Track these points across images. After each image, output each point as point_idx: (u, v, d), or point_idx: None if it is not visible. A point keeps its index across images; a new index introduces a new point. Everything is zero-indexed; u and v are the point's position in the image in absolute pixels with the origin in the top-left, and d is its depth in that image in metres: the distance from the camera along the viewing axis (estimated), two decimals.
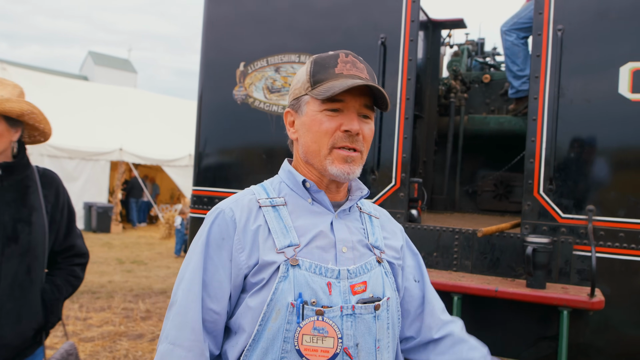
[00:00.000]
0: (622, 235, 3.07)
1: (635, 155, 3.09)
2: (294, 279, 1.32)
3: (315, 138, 1.41)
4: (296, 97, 1.47)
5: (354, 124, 1.39)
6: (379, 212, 1.63)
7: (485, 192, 4.91)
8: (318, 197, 1.45)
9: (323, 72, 1.41)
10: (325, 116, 1.40)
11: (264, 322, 1.31)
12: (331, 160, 1.40)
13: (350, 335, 1.34)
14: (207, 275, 1.37)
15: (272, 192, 1.48)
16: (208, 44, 4.19)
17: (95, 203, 15.79)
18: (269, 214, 1.41)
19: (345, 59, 1.42)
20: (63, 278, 2.42)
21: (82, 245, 2.52)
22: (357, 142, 1.41)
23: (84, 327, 6.43)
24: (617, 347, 3.12)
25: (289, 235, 1.38)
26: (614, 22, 3.15)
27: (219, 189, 4.04)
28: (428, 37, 4.73)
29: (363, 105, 1.42)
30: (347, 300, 1.35)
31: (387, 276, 1.48)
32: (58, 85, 18.61)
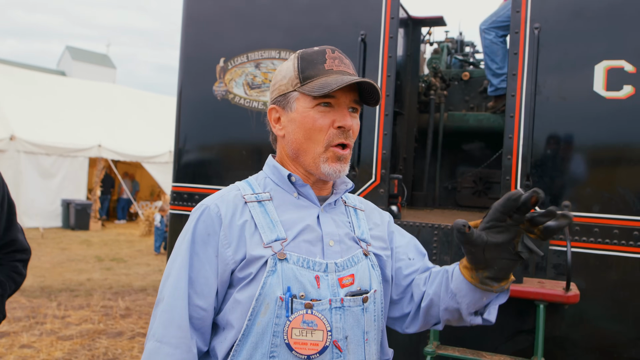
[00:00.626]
0: (597, 230, 3.14)
1: (610, 152, 3.16)
2: (282, 272, 1.33)
3: (309, 135, 1.42)
4: (283, 94, 1.46)
5: (347, 119, 1.41)
6: (363, 205, 1.64)
7: (464, 189, 4.96)
8: (304, 191, 1.46)
9: (312, 68, 1.42)
10: (318, 112, 1.41)
11: (253, 316, 1.31)
12: (325, 159, 1.41)
13: (340, 328, 1.35)
14: (194, 271, 1.37)
15: (257, 187, 1.48)
16: (187, 39, 4.16)
17: (74, 200, 15.58)
18: (254, 209, 1.41)
19: (332, 55, 1.44)
20: (5, 274, 2.27)
21: (23, 241, 2.38)
22: (350, 137, 1.43)
23: (62, 325, 6.35)
24: (592, 340, 3.18)
25: (276, 229, 1.38)
26: (590, 21, 3.20)
27: (199, 185, 4.02)
28: (408, 34, 4.75)
29: (353, 101, 1.43)
30: (335, 293, 1.36)
31: (374, 269, 1.49)
32: (35, 80, 18.30)
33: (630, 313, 3.10)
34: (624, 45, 3.11)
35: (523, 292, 2.97)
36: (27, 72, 19.55)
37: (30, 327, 6.19)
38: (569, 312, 3.18)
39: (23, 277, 2.38)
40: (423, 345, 3.25)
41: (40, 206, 14.87)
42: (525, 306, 3.20)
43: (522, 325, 3.27)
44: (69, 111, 17.00)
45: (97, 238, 14.38)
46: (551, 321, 3.18)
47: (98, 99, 18.97)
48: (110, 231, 16.29)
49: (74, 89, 19.32)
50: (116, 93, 20.89)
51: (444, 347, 3.23)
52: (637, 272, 3.08)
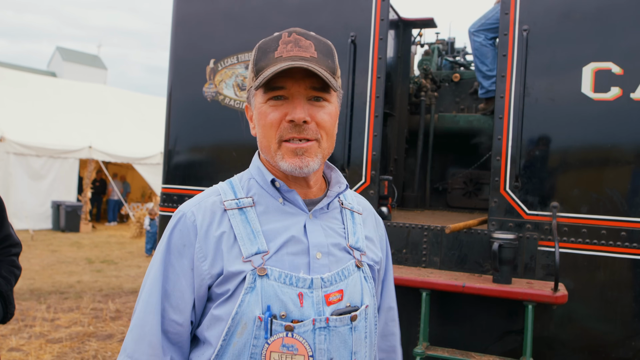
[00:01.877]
0: (585, 231, 3.16)
1: (598, 154, 3.18)
2: (262, 290, 1.22)
3: (264, 132, 1.29)
4: (247, 90, 1.36)
5: (297, 111, 1.24)
6: (362, 206, 1.50)
7: (455, 190, 4.99)
8: (289, 196, 1.33)
9: (264, 58, 1.27)
10: (269, 107, 1.27)
11: (229, 336, 1.22)
12: (281, 155, 1.27)
13: (324, 350, 1.24)
14: (169, 284, 1.28)
15: (240, 190, 1.35)
16: (177, 40, 4.14)
17: (64, 202, 15.48)
18: (234, 218, 1.29)
19: (287, 39, 1.27)
20: (7, 270, 2.37)
21: (15, 236, 2.48)
22: (306, 131, 1.26)
23: (52, 328, 6.30)
24: (580, 340, 3.20)
25: (257, 241, 1.26)
26: (578, 24, 3.23)
27: (189, 187, 4.01)
28: (399, 36, 4.77)
29: (310, 88, 1.26)
30: (320, 312, 1.24)
31: (367, 281, 1.36)
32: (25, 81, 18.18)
33: (618, 313, 3.12)
34: (612, 47, 3.14)
35: (512, 292, 2.99)
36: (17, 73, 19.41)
37: (19, 330, 6.14)
38: (557, 313, 3.20)
39: (20, 270, 2.48)
40: (412, 346, 3.25)
41: (30, 208, 14.76)
42: (514, 307, 3.22)
43: (511, 326, 3.29)
44: (59, 112, 16.90)
45: (88, 240, 14.29)
46: (540, 321, 3.20)
47: (89, 100, 18.87)
48: (100, 233, 16.19)
49: (65, 90, 19.21)
50: (107, 94, 20.79)
51: (433, 347, 3.24)
52: (625, 272, 3.11)
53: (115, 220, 18.79)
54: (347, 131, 3.59)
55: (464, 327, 3.38)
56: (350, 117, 3.59)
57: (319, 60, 1.26)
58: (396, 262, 3.50)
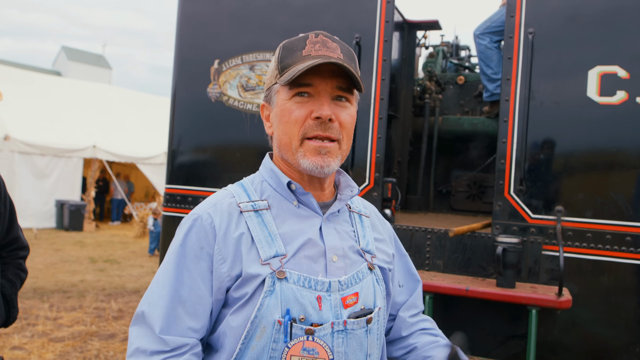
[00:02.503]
0: (590, 235, 3.14)
1: (603, 158, 3.16)
2: (281, 293, 1.20)
3: (286, 129, 1.28)
4: (268, 88, 1.35)
5: (324, 108, 1.24)
6: (369, 210, 1.52)
7: (458, 193, 4.97)
8: (305, 199, 1.32)
9: (291, 56, 1.28)
10: (294, 103, 1.27)
11: (247, 340, 1.20)
12: (303, 153, 1.26)
13: (342, 353, 1.24)
14: (185, 289, 1.23)
15: (253, 193, 1.34)
16: (182, 41, 4.15)
17: (68, 201, 15.51)
18: (251, 220, 1.27)
19: (314, 39, 1.28)
20: (13, 273, 2.38)
21: (24, 238, 2.48)
22: (331, 129, 1.26)
23: (54, 327, 6.31)
24: (584, 345, 3.18)
25: (275, 244, 1.25)
26: (584, 27, 3.21)
27: (193, 187, 4.00)
28: (403, 37, 4.76)
29: (336, 88, 1.27)
30: (338, 315, 1.25)
31: (379, 284, 1.38)
32: (30, 80, 18.24)
33: (623, 318, 3.10)
34: (618, 51, 3.12)
35: (515, 297, 2.97)
36: (23, 72, 19.48)
37: (21, 329, 6.15)
38: (561, 317, 3.18)
39: (26, 273, 2.49)
40: None
41: (34, 207, 14.80)
42: (518, 311, 3.20)
43: (515, 330, 3.27)
44: (64, 112, 16.95)
45: (91, 239, 14.32)
46: (544, 326, 3.18)
47: (93, 99, 18.92)
48: (104, 232, 16.22)
49: (70, 89, 19.26)
50: (111, 94, 20.85)
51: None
52: (630, 278, 3.09)
53: (118, 219, 18.82)
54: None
55: (467, 331, 3.37)
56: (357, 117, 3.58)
57: (345, 62, 1.27)
58: None
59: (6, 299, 2.31)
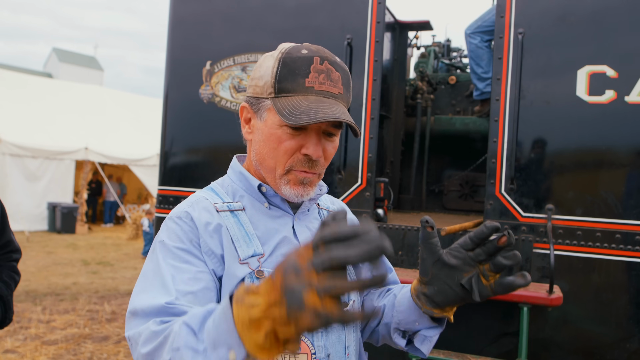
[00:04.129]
0: (580, 233, 3.17)
1: (592, 156, 3.19)
2: None
3: (273, 155, 1.28)
4: (256, 97, 1.31)
5: (316, 149, 1.25)
6: (336, 205, 1.56)
7: (451, 192, 5.00)
8: (275, 200, 1.35)
9: (291, 79, 1.23)
10: (285, 133, 1.25)
11: None
12: (286, 181, 1.29)
13: (322, 347, 1.27)
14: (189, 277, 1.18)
15: (225, 196, 1.35)
16: (174, 42, 4.15)
17: (60, 203, 15.44)
18: (228, 220, 1.28)
19: (319, 67, 1.24)
20: (7, 275, 2.39)
21: (16, 242, 2.49)
22: (316, 166, 1.29)
23: (47, 329, 6.28)
24: (575, 342, 3.21)
25: (252, 243, 1.27)
26: (573, 27, 3.24)
27: (185, 189, 4.01)
28: (395, 38, 4.78)
29: (330, 125, 1.27)
30: None
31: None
32: (21, 82, 18.14)
33: (613, 315, 3.13)
34: (607, 50, 3.16)
35: (507, 294, 2.99)
36: (13, 74, 19.36)
37: (14, 332, 6.12)
38: (552, 315, 3.21)
39: (19, 276, 2.49)
40: None
41: (26, 209, 14.72)
42: (510, 309, 3.22)
43: (507, 328, 3.30)
44: (55, 114, 16.87)
45: (84, 241, 14.26)
46: (535, 323, 3.21)
47: (85, 101, 18.84)
48: (97, 234, 16.15)
49: (61, 91, 19.17)
50: (103, 96, 20.77)
51: None
52: (620, 275, 3.12)
53: (111, 221, 18.75)
54: (344, 134, 3.59)
55: (459, 329, 3.39)
56: None
57: (344, 96, 1.27)
58: (392, 264, 3.50)
59: (2, 300, 2.31)
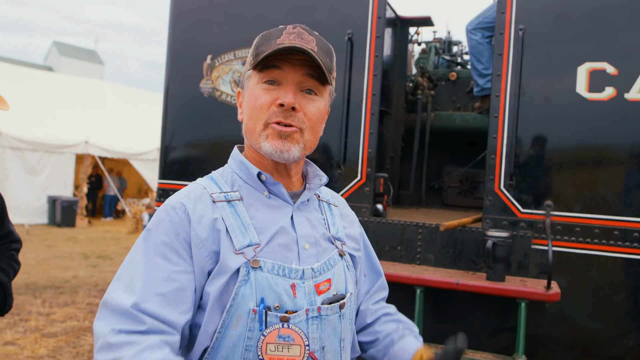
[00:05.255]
0: (578, 229, 3.18)
1: (591, 153, 3.20)
2: (256, 282, 1.21)
3: (252, 114, 1.30)
4: (243, 75, 1.38)
5: (288, 96, 1.25)
6: (336, 199, 1.55)
7: (450, 188, 5.01)
8: (275, 189, 1.33)
9: (265, 44, 1.29)
10: (261, 90, 1.28)
11: (223, 329, 1.20)
12: (265, 136, 1.27)
13: (316, 339, 1.26)
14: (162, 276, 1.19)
15: (223, 185, 1.34)
16: (174, 36, 4.15)
17: (60, 197, 15.45)
18: (224, 210, 1.27)
19: (291, 30, 1.29)
20: (6, 263, 2.43)
21: (15, 232, 2.53)
22: (292, 117, 1.26)
23: (47, 322, 6.31)
24: (573, 337, 3.23)
25: (248, 233, 1.25)
26: (573, 24, 3.24)
27: (185, 182, 4.01)
28: (396, 34, 4.78)
29: (306, 75, 1.28)
30: (312, 301, 1.27)
31: (349, 270, 1.41)
32: (21, 75, 18.12)
33: (610, 311, 3.15)
34: (607, 47, 3.16)
35: (505, 290, 3.01)
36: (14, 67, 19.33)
37: (14, 324, 6.14)
38: (550, 310, 3.23)
39: (19, 265, 2.52)
40: None
41: (26, 203, 14.73)
42: (508, 304, 3.24)
43: (505, 323, 3.32)
44: (56, 107, 16.86)
45: (84, 235, 14.28)
46: (533, 319, 3.22)
47: (85, 95, 18.82)
48: (96, 228, 16.17)
49: (61, 85, 19.15)
50: (104, 89, 20.74)
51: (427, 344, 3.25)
52: (617, 271, 3.14)
53: (111, 215, 18.77)
54: (343, 128, 3.60)
55: (457, 324, 3.41)
56: (347, 115, 3.61)
57: (318, 54, 1.27)
58: (391, 259, 3.52)
59: (2, 287, 2.34)
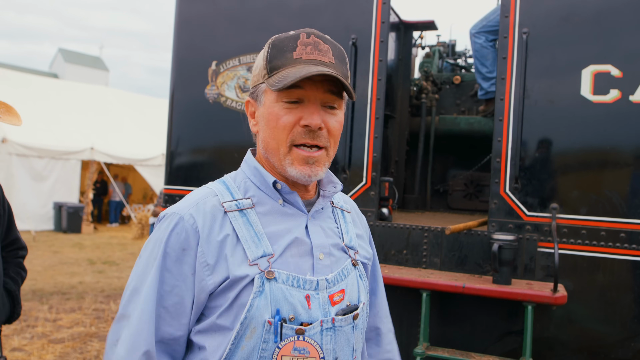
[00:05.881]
0: (584, 232, 3.18)
1: (597, 155, 3.20)
2: (271, 293, 1.19)
3: (273, 134, 1.25)
4: (255, 85, 1.31)
5: (314, 117, 1.22)
6: (349, 205, 1.52)
7: (455, 192, 5.00)
8: (290, 198, 1.31)
9: (280, 57, 1.24)
10: (282, 109, 1.24)
11: (237, 340, 1.19)
12: (290, 161, 1.25)
13: (330, 350, 1.25)
14: (166, 290, 1.22)
15: (236, 191, 1.31)
16: (180, 42, 4.17)
17: (66, 203, 15.52)
18: (236, 220, 1.24)
19: (305, 41, 1.24)
20: (15, 271, 2.46)
21: (22, 239, 2.56)
22: (319, 137, 1.24)
23: (54, 328, 6.33)
24: (580, 340, 3.22)
25: (261, 244, 1.23)
26: (577, 27, 3.25)
27: (191, 188, 4.03)
28: (400, 38, 4.79)
29: (327, 92, 1.24)
30: (326, 312, 1.25)
31: (362, 279, 1.39)
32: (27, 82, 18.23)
33: (617, 314, 3.14)
34: (611, 50, 3.16)
35: (511, 293, 3.01)
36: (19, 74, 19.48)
37: (21, 330, 6.17)
38: (557, 313, 3.22)
39: (26, 272, 2.56)
40: (413, 346, 3.27)
41: (32, 209, 14.80)
42: (514, 307, 3.23)
43: (511, 326, 3.31)
44: (61, 114, 16.96)
45: (89, 241, 14.32)
46: (539, 322, 3.21)
47: (91, 102, 18.93)
48: (102, 234, 16.22)
49: (67, 91, 19.27)
50: (109, 96, 20.86)
51: (433, 348, 3.26)
52: (624, 274, 3.13)
53: (116, 221, 18.82)
54: (348, 133, 3.61)
55: (464, 328, 3.40)
56: (352, 119, 3.62)
57: (336, 66, 1.25)
58: (397, 262, 3.52)
59: (11, 295, 2.35)
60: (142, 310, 1.21)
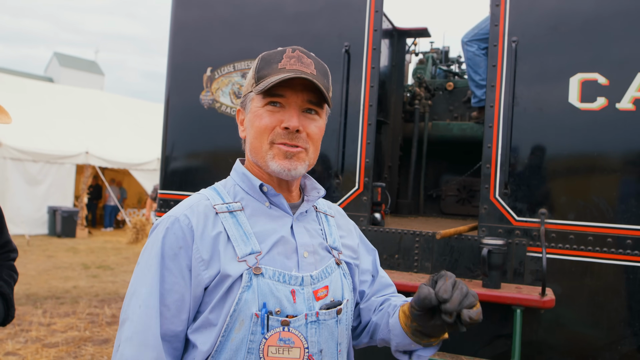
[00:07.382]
0: (572, 237, 3.23)
1: (584, 162, 3.26)
2: (258, 288, 1.29)
3: (256, 134, 1.39)
4: (244, 95, 1.46)
5: (292, 120, 1.35)
6: (333, 210, 1.63)
7: (448, 197, 5.06)
8: (276, 200, 1.43)
9: (267, 67, 1.38)
10: (266, 111, 1.38)
11: (227, 333, 1.28)
12: (272, 156, 1.37)
13: (315, 342, 1.33)
14: (166, 288, 1.30)
15: (226, 196, 1.43)
16: (175, 47, 4.22)
17: (60, 207, 15.50)
18: (227, 221, 1.35)
19: (291, 54, 1.39)
20: (7, 273, 2.45)
21: (12, 241, 2.56)
22: (297, 139, 1.37)
23: (48, 332, 6.33)
24: (568, 344, 3.27)
25: (250, 242, 1.34)
26: (565, 36, 3.31)
27: (186, 193, 4.07)
28: (393, 45, 4.85)
29: (306, 101, 1.38)
30: (311, 307, 1.35)
31: (346, 278, 1.49)
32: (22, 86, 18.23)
33: (605, 317, 3.19)
34: (598, 58, 3.23)
35: (500, 297, 3.06)
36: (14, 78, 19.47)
37: (15, 335, 6.17)
38: (545, 317, 3.27)
39: (18, 275, 2.56)
40: None
41: (26, 213, 14.79)
42: (503, 311, 3.28)
43: (501, 330, 3.35)
44: (56, 118, 16.96)
45: (84, 245, 14.30)
46: (528, 325, 3.26)
47: (86, 106, 18.94)
48: (97, 238, 16.20)
49: (62, 95, 19.28)
50: (104, 100, 20.88)
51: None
52: (611, 278, 3.18)
53: (111, 226, 18.80)
54: (341, 139, 3.66)
55: (454, 331, 3.44)
56: (344, 125, 3.67)
57: (317, 77, 1.37)
58: (388, 267, 3.57)
59: (5, 298, 2.37)
60: (146, 307, 1.28)
